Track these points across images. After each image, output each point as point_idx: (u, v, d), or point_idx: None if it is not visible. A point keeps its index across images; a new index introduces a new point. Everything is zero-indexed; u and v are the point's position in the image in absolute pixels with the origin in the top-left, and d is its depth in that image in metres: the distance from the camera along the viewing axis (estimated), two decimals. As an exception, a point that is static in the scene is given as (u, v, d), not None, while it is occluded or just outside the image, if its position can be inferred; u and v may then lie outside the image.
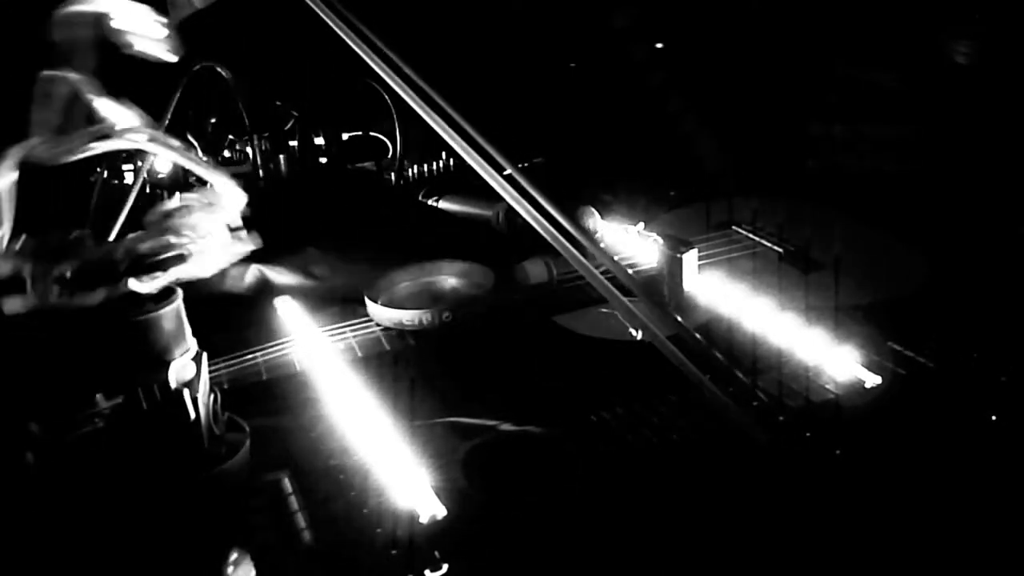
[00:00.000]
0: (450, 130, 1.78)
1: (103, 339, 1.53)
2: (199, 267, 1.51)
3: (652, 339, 1.77)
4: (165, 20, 1.60)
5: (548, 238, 1.78)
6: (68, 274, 1.46)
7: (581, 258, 1.83)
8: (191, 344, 1.60)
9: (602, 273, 1.84)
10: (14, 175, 1.49)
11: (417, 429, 1.70)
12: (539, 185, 1.93)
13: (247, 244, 1.59)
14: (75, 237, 1.49)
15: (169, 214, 1.49)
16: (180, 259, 1.48)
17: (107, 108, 1.52)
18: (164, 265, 1.48)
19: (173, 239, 1.47)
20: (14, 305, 1.46)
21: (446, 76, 1.90)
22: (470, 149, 1.79)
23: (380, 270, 2.34)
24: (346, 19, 1.79)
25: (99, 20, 1.53)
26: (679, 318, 2.03)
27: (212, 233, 1.52)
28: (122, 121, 1.53)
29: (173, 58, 1.60)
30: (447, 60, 1.94)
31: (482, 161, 1.79)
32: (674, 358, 1.69)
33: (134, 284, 1.47)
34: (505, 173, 1.86)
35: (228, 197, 1.57)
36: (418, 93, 1.80)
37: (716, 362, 1.82)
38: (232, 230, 1.58)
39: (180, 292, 1.58)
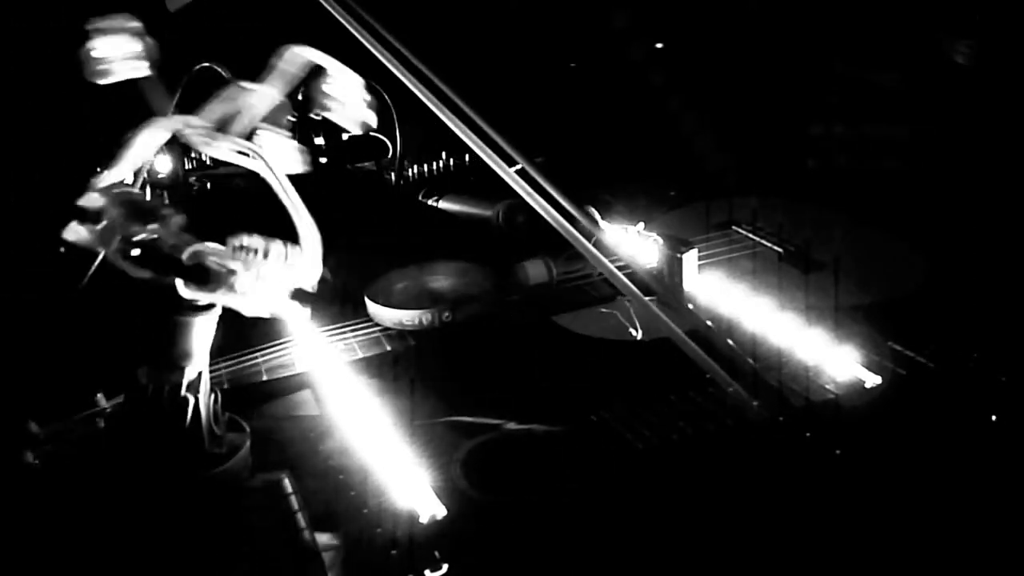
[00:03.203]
0: (462, 124, 1.79)
1: (144, 321, 1.53)
2: (244, 302, 1.50)
3: (669, 334, 1.76)
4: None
5: (563, 233, 1.78)
6: (138, 238, 1.46)
7: (596, 253, 1.83)
8: (205, 359, 1.60)
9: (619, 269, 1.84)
10: (164, 136, 1.54)
11: (417, 429, 1.70)
12: (553, 180, 1.94)
13: (296, 312, 1.58)
14: (166, 212, 1.49)
15: (249, 246, 1.49)
16: (231, 287, 1.47)
17: (268, 136, 1.55)
18: (216, 283, 1.47)
19: (238, 266, 1.47)
20: (76, 234, 1.46)
21: (445, 76, 1.91)
22: (482, 143, 1.80)
23: (380, 270, 2.34)
24: (356, 14, 1.79)
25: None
26: (698, 314, 2.04)
27: (274, 281, 1.51)
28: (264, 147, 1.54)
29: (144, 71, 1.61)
30: (446, 60, 1.94)
31: (494, 155, 1.79)
32: (692, 353, 1.69)
33: (179, 284, 1.47)
34: (517, 167, 1.87)
35: (307, 262, 1.56)
36: (429, 88, 1.80)
37: (737, 358, 1.82)
38: (292, 292, 1.57)
39: (219, 308, 1.57)
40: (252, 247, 1.48)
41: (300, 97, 1.66)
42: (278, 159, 1.55)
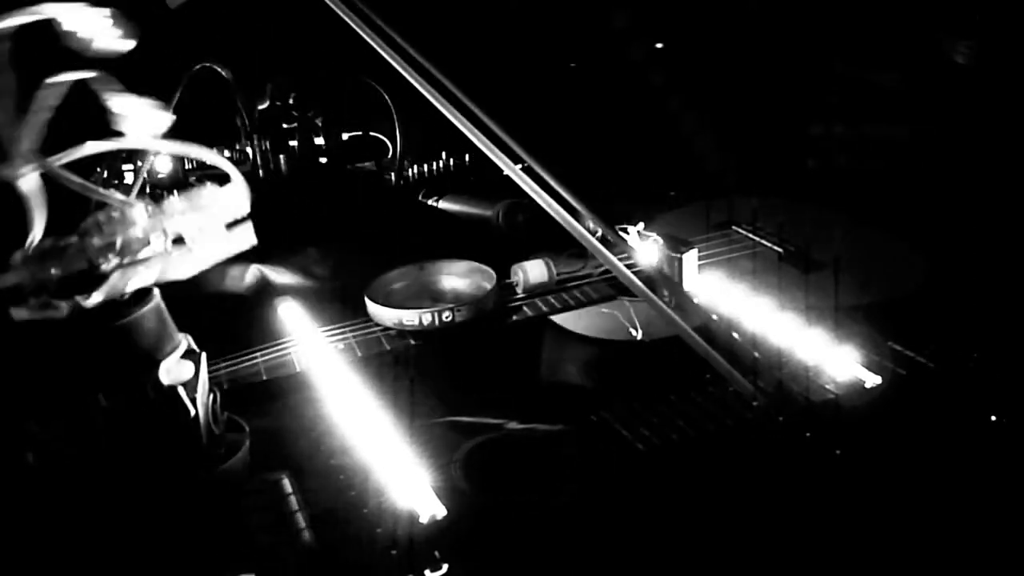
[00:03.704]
0: (466, 122, 1.79)
1: (86, 346, 1.52)
2: (182, 266, 1.51)
3: (679, 331, 1.76)
4: (108, 11, 1.58)
5: (570, 230, 1.78)
6: (54, 283, 1.46)
7: (604, 250, 1.83)
8: (180, 341, 1.60)
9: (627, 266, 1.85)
10: (35, 177, 1.48)
11: (417, 429, 1.70)
12: (560, 177, 1.94)
13: (240, 242, 1.58)
14: (63, 244, 1.48)
15: (85, 232, 1.48)
16: (101, 278, 1.47)
17: (123, 105, 1.53)
18: (89, 285, 1.47)
19: (93, 258, 1.47)
20: (20, 314, 1.46)
21: (447, 75, 1.91)
22: (487, 141, 1.80)
23: (380, 270, 2.34)
24: (358, 11, 1.79)
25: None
26: (708, 311, 2.04)
27: (197, 229, 1.51)
28: (137, 117, 1.53)
29: (131, 43, 1.58)
30: (446, 60, 1.94)
31: (500, 153, 1.79)
32: (701, 350, 1.70)
33: (82, 301, 1.46)
34: (523, 165, 1.87)
35: (227, 192, 1.56)
36: (432, 85, 1.80)
37: (743, 354, 1.82)
38: (230, 225, 1.57)
39: (157, 292, 1.57)
40: (88, 227, 1.47)
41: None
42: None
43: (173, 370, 1.55)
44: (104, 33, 1.53)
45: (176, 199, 1.53)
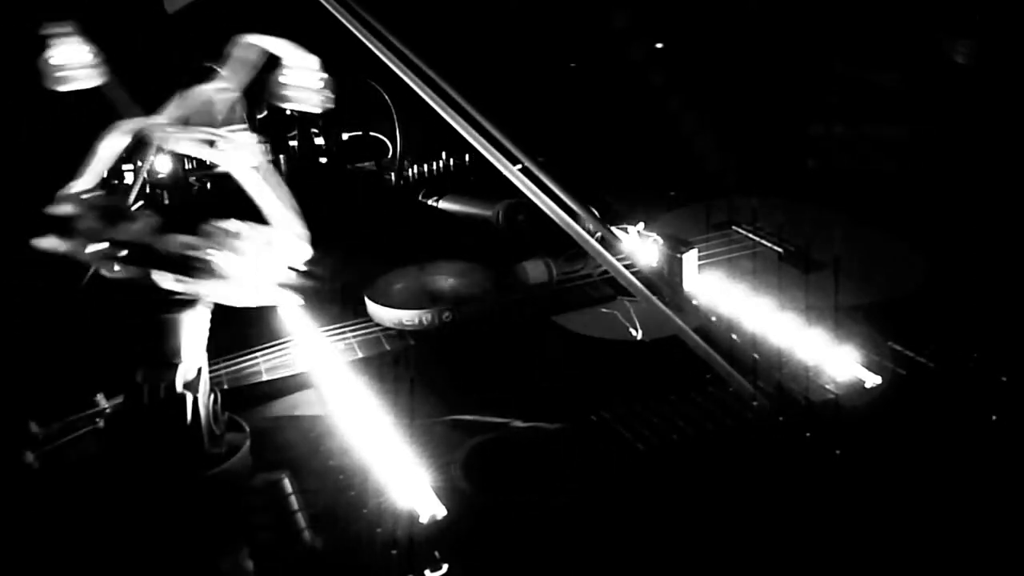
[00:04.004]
0: (464, 123, 1.79)
1: (131, 325, 1.53)
2: (229, 292, 1.51)
3: (678, 331, 1.76)
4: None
5: (568, 231, 1.78)
6: (112, 241, 1.46)
7: (602, 250, 1.84)
8: (203, 356, 1.60)
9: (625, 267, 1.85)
10: (126, 140, 1.55)
11: (417, 429, 1.70)
12: (559, 179, 1.94)
13: (286, 299, 1.59)
14: (137, 210, 1.49)
15: (223, 232, 1.49)
16: (209, 274, 1.47)
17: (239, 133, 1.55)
18: (192, 272, 1.47)
19: (213, 253, 1.47)
20: (48, 243, 1.46)
21: (446, 76, 1.91)
22: (486, 142, 1.80)
23: (380, 270, 2.34)
24: (356, 14, 1.79)
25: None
26: (705, 312, 2.04)
27: (254, 267, 1.51)
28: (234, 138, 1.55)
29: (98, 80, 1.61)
30: (446, 60, 1.94)
31: (498, 154, 1.80)
32: (700, 350, 1.71)
33: (159, 277, 1.47)
34: (520, 166, 1.88)
35: (290, 244, 1.57)
36: (430, 86, 1.81)
37: (743, 355, 1.82)
38: (280, 279, 1.57)
39: (210, 304, 1.57)
40: (227, 230, 1.48)
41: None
42: (239, 153, 1.55)
43: (187, 377, 1.56)
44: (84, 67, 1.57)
45: (257, 232, 1.53)
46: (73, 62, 1.59)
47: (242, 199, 1.58)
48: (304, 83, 1.62)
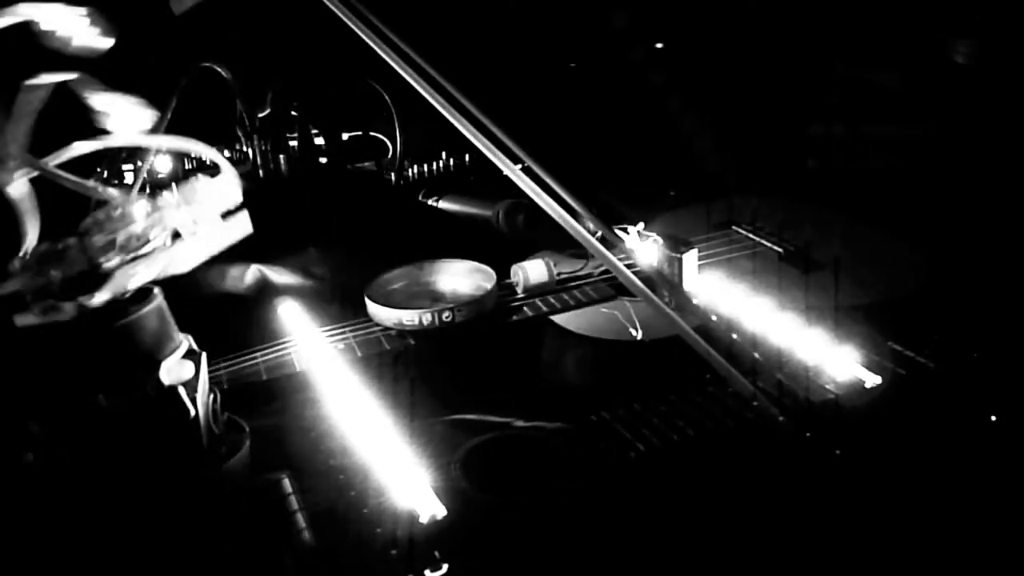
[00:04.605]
0: (465, 122, 1.79)
1: (89, 346, 1.52)
2: (179, 259, 1.51)
3: (679, 331, 1.76)
4: (85, 10, 1.58)
5: (569, 230, 1.78)
6: (57, 285, 1.46)
7: (604, 250, 1.84)
8: (180, 341, 1.60)
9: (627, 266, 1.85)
10: (24, 182, 1.48)
11: (417, 429, 1.70)
12: (559, 178, 1.94)
13: (236, 230, 1.58)
14: (62, 246, 1.48)
15: (85, 231, 1.47)
16: (104, 276, 1.47)
17: (106, 103, 1.53)
18: (92, 285, 1.46)
19: (94, 257, 1.47)
20: (26, 320, 1.46)
21: (447, 75, 1.91)
22: (488, 142, 1.80)
23: (380, 270, 2.34)
24: (359, 13, 1.79)
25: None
26: (705, 311, 2.04)
27: (157, 235, 1.51)
28: (121, 114, 1.53)
29: (109, 41, 1.58)
30: (446, 60, 1.94)
31: (500, 154, 1.80)
32: (701, 350, 1.71)
33: (86, 301, 1.46)
34: (522, 166, 1.88)
35: (219, 182, 1.57)
36: (432, 86, 1.80)
37: (743, 355, 1.82)
38: (225, 215, 1.57)
39: (159, 291, 1.57)
40: (88, 227, 1.47)
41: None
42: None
43: (174, 370, 1.55)
44: (82, 31, 1.53)
45: (170, 193, 1.54)
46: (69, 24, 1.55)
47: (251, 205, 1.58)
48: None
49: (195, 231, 1.53)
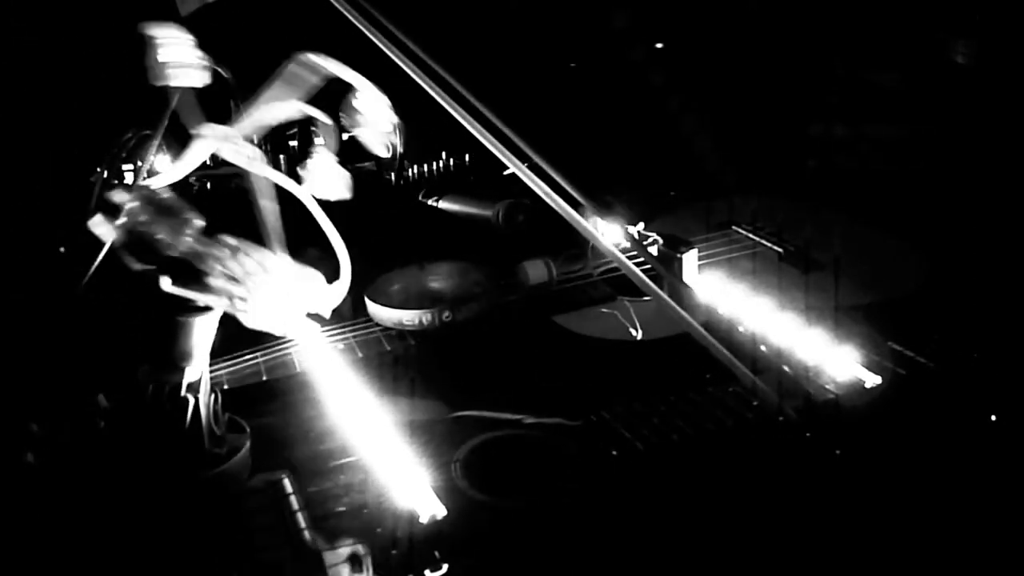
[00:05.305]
0: (473, 121, 1.79)
1: (146, 321, 1.52)
2: (248, 315, 1.51)
3: (689, 328, 1.76)
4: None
5: (576, 226, 1.79)
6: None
7: (612, 248, 1.84)
8: (205, 361, 1.60)
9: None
10: (212, 148, 1.55)
11: (417, 429, 1.71)
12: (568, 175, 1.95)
13: (304, 331, 1.58)
14: (187, 216, 1.48)
15: (232, 248, 1.48)
16: (208, 288, 1.47)
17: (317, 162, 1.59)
18: (201, 285, 1.47)
19: (239, 288, 1.47)
20: (99, 226, 1.45)
21: (451, 72, 1.91)
22: (495, 140, 1.80)
23: (380, 270, 2.34)
24: (366, 12, 1.79)
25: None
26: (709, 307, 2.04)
27: (280, 300, 1.51)
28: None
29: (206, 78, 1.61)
30: (446, 60, 1.94)
31: (507, 152, 1.80)
32: (712, 348, 1.71)
33: (164, 281, 1.46)
34: (530, 163, 1.88)
35: (331, 290, 1.57)
36: (438, 83, 1.81)
37: (743, 354, 1.82)
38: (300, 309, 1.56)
39: (218, 311, 1.57)
40: (233, 246, 1.47)
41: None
42: (322, 184, 1.55)
43: (190, 379, 1.56)
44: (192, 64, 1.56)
45: (289, 266, 1.52)
46: (181, 60, 1.58)
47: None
48: (374, 115, 1.61)
49: (277, 308, 1.52)
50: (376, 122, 1.61)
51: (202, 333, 1.55)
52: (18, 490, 1.57)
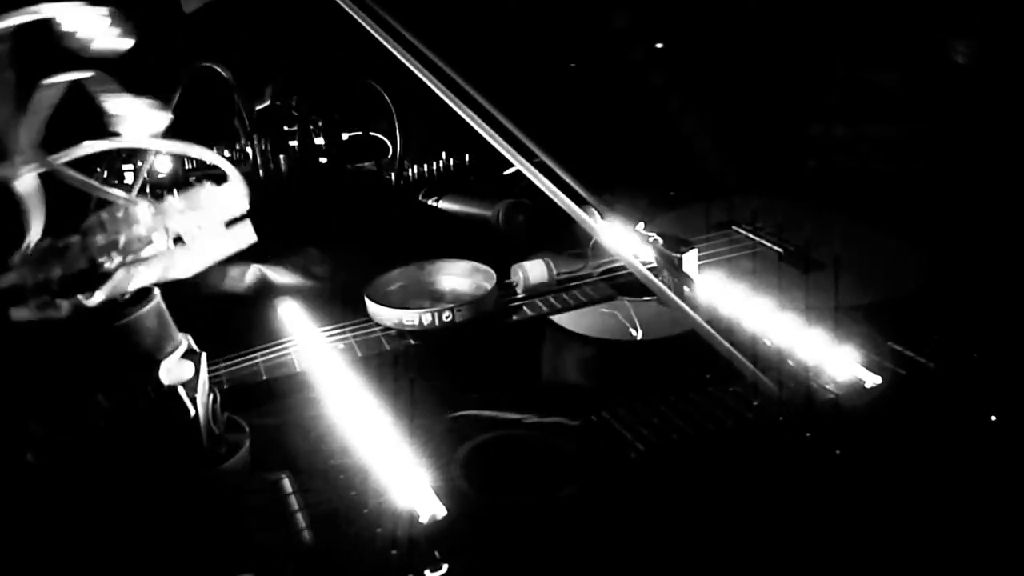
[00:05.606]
0: (479, 119, 1.79)
1: (87, 346, 1.52)
2: (180, 266, 1.51)
3: (695, 326, 1.76)
4: (107, 10, 1.58)
5: (582, 224, 1.78)
6: (56, 283, 1.46)
7: (617, 247, 1.84)
8: (180, 341, 1.60)
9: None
10: (32, 177, 1.48)
11: (417, 429, 1.70)
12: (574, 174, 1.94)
13: (240, 239, 1.58)
14: (64, 244, 1.48)
15: (87, 230, 1.47)
16: (104, 277, 1.46)
17: (119, 105, 1.53)
18: (91, 284, 1.46)
19: (95, 256, 1.47)
20: (21, 314, 1.46)
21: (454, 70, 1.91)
22: (500, 138, 1.80)
23: (380, 270, 2.34)
24: (368, 9, 1.79)
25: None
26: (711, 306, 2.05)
27: (159, 239, 1.51)
28: (133, 117, 1.53)
29: (129, 42, 1.58)
30: (446, 60, 1.94)
31: (513, 150, 1.80)
32: (718, 345, 1.71)
33: (84, 300, 1.46)
34: (536, 160, 1.88)
35: (225, 190, 1.57)
36: (444, 82, 1.80)
37: (763, 350, 1.83)
38: (230, 223, 1.57)
39: (157, 292, 1.57)
40: (89, 227, 1.47)
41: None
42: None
43: (173, 370, 1.55)
44: (103, 32, 1.53)
45: (175, 198, 1.54)
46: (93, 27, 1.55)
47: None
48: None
49: (198, 238, 1.53)
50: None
51: (155, 320, 1.54)
52: (18, 490, 1.57)
